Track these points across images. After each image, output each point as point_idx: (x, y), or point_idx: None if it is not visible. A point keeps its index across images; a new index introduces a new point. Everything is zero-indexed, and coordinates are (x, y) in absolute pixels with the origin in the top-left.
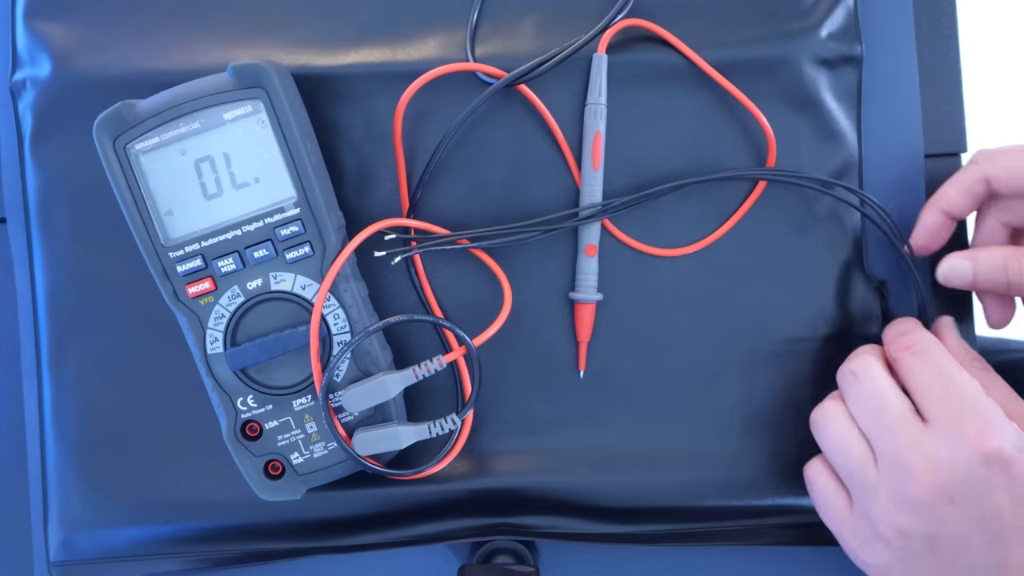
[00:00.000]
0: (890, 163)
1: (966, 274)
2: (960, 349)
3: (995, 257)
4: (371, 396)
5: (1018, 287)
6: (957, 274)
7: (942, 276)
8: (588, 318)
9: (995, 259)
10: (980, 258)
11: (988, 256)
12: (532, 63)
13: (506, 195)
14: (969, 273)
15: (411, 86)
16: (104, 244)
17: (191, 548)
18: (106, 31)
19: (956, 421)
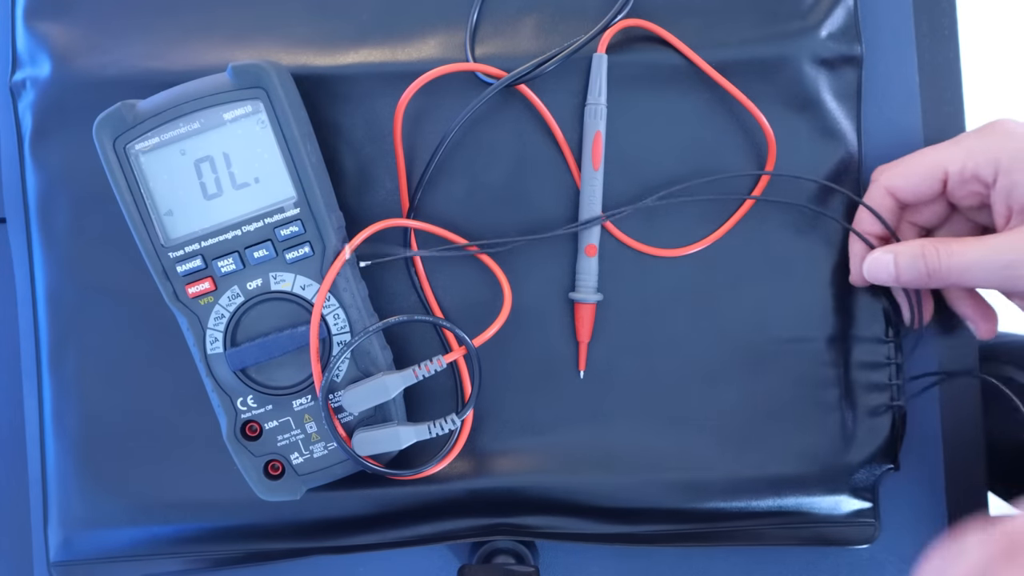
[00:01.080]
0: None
1: (888, 266)
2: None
3: (912, 247)
4: (371, 396)
5: (936, 275)
6: (880, 267)
7: (866, 271)
8: (588, 318)
9: (912, 248)
10: (899, 250)
11: (906, 247)
12: (532, 63)
13: (506, 195)
14: (891, 265)
15: (411, 86)
16: (104, 244)
17: (191, 548)
18: (106, 31)
19: None
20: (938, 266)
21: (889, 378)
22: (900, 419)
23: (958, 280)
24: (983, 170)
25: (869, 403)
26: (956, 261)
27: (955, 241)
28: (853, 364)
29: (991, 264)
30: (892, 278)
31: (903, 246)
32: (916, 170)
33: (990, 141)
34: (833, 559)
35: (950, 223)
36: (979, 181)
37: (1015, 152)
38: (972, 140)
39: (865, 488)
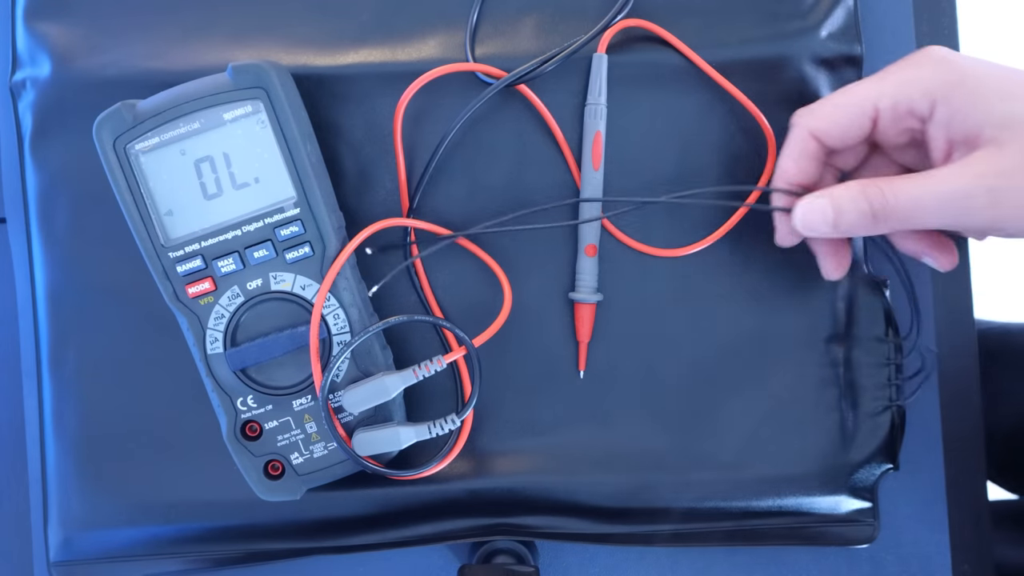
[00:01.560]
0: None
1: (825, 212)
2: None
3: (850, 189)
4: (371, 396)
5: (882, 216)
6: (816, 214)
7: (800, 221)
8: (588, 318)
9: (851, 191)
10: (836, 194)
11: (843, 190)
12: (532, 63)
13: (506, 195)
14: (828, 210)
15: (411, 86)
16: (104, 244)
17: (191, 548)
18: (106, 31)
19: None
20: (883, 206)
21: (888, 378)
22: (900, 419)
23: (907, 221)
24: (918, 103)
25: (869, 403)
26: (904, 200)
27: (896, 179)
28: (852, 364)
29: (945, 199)
30: (830, 225)
31: (839, 189)
32: (843, 110)
33: (922, 71)
34: (833, 559)
35: (870, 165)
36: (914, 116)
37: (952, 80)
38: (901, 72)
39: (865, 488)
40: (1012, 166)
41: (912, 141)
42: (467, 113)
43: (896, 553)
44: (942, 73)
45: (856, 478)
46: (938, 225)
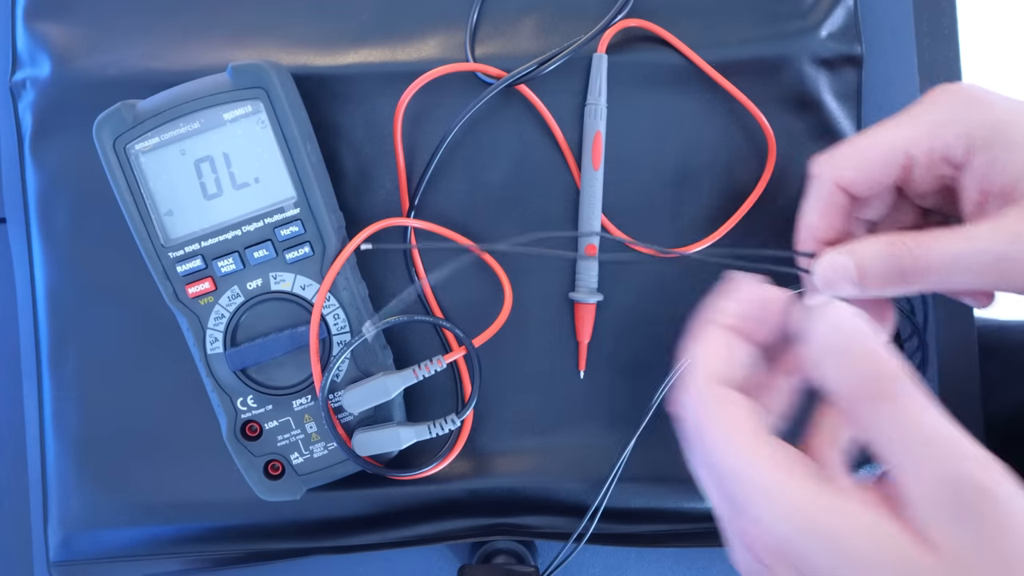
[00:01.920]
0: None
1: (848, 271)
2: None
3: (877, 245)
4: (371, 396)
5: (912, 275)
6: (838, 272)
7: (821, 281)
8: (588, 318)
9: (878, 247)
10: (861, 251)
11: (868, 246)
12: (532, 63)
13: (506, 195)
14: (851, 269)
15: (411, 86)
16: (104, 244)
17: (191, 548)
18: (106, 31)
19: None
20: (913, 265)
21: None
22: None
23: (939, 280)
24: (954, 150)
25: None
26: (936, 259)
27: (926, 236)
28: None
29: (980, 260)
30: (853, 283)
31: (864, 245)
32: (872, 157)
33: (957, 114)
34: None
35: (895, 214)
36: (949, 163)
37: (991, 124)
38: (933, 114)
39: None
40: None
41: (942, 188)
42: (467, 113)
43: None
44: (980, 117)
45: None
46: (973, 286)
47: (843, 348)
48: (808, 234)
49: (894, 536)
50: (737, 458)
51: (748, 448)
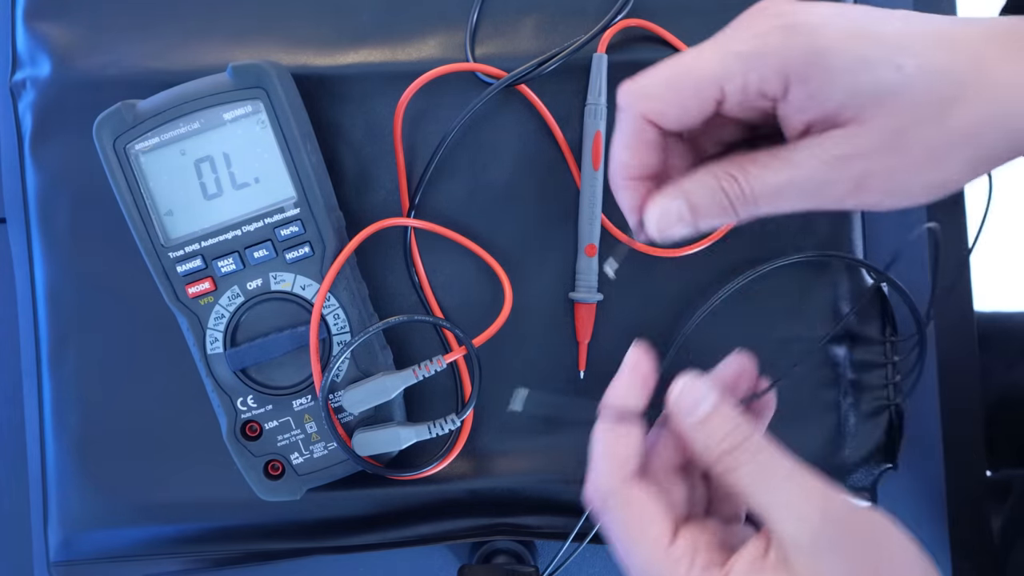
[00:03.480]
0: None
1: (682, 213)
2: None
3: (705, 182)
4: (371, 396)
5: (742, 207)
6: (671, 217)
7: (655, 227)
8: (588, 318)
9: (706, 183)
10: (690, 189)
11: (697, 184)
12: (532, 63)
13: (506, 194)
14: (684, 211)
15: (411, 86)
16: (104, 244)
17: (191, 548)
18: (106, 31)
19: None
20: (741, 197)
21: (887, 377)
22: (898, 418)
23: (768, 209)
24: (769, 84)
25: (867, 402)
26: (763, 187)
27: (751, 164)
28: (851, 363)
29: (806, 184)
30: (688, 225)
31: (692, 183)
32: (683, 91)
33: (772, 45)
34: None
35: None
36: (765, 97)
37: (809, 54)
38: (746, 44)
39: (864, 488)
40: (874, 145)
41: (762, 115)
42: (467, 113)
43: None
44: (795, 46)
45: (855, 477)
46: (799, 208)
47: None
48: (621, 172)
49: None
50: (645, 560)
51: (652, 549)
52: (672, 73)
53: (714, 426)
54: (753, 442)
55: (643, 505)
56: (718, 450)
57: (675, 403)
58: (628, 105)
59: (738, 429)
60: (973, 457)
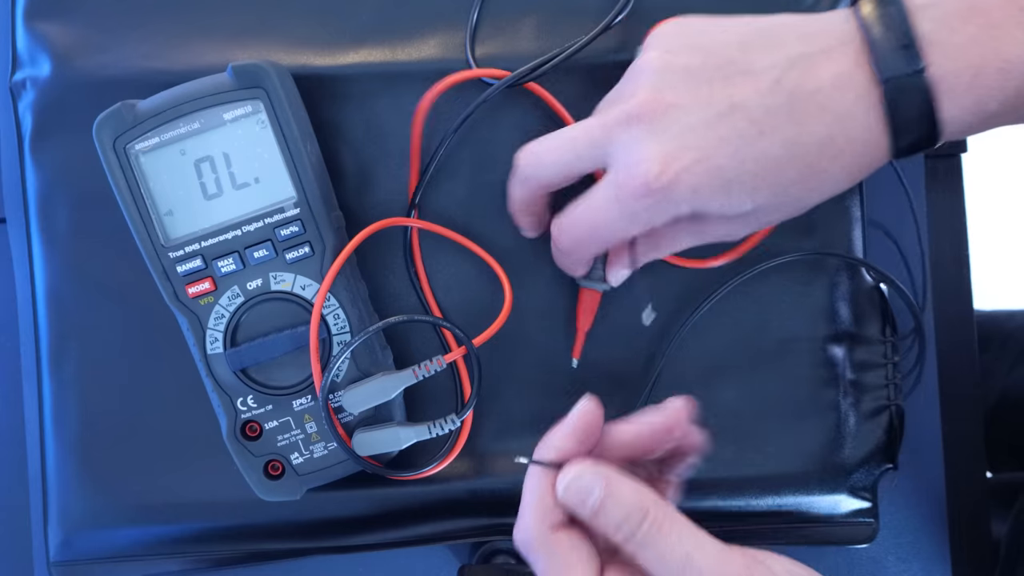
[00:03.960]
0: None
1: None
2: None
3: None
4: (371, 396)
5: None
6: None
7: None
8: (591, 306)
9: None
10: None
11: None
12: (531, 65)
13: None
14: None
15: (427, 93)
16: (104, 244)
17: (191, 548)
18: (106, 31)
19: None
20: None
21: (886, 377)
22: (898, 418)
23: None
24: None
25: (867, 402)
26: None
27: None
28: (850, 363)
29: None
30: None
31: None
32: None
33: None
34: (832, 559)
35: None
36: None
37: None
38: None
39: (864, 487)
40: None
41: None
42: (467, 115)
43: (896, 553)
44: None
45: (855, 477)
46: None
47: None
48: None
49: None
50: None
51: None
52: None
53: (608, 514)
54: (645, 529)
55: (566, 554)
56: (617, 537)
57: (563, 497)
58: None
59: (631, 516)
60: (973, 458)
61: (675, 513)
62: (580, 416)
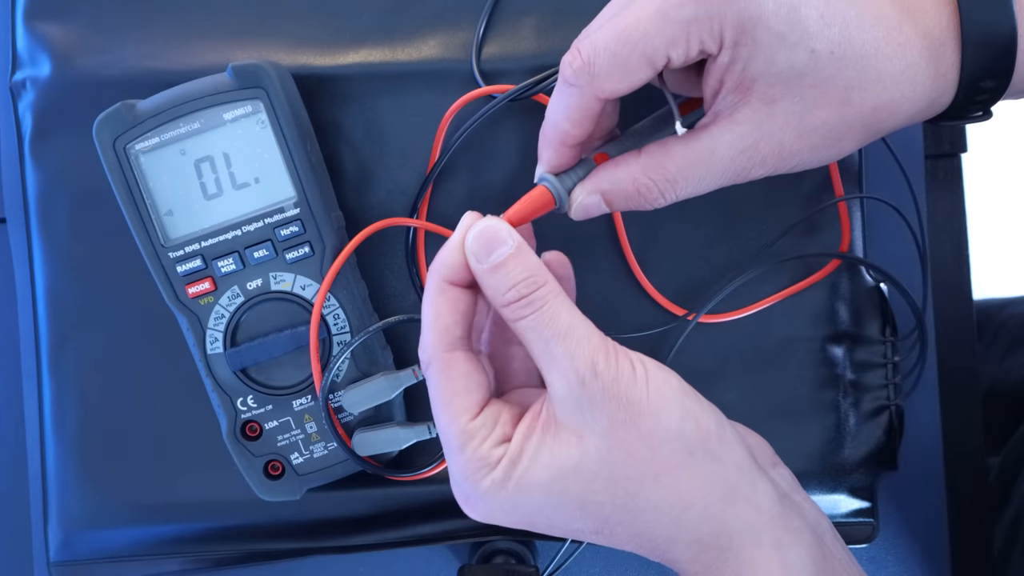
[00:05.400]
0: (890, 163)
1: (600, 207)
2: None
3: (623, 184)
4: (371, 396)
5: (664, 201)
6: (591, 210)
7: (575, 215)
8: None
9: (625, 187)
10: (608, 190)
11: (616, 186)
12: (532, 80)
13: (507, 195)
14: (603, 206)
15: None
16: (104, 244)
17: (191, 548)
18: (106, 31)
19: None
20: (662, 197)
21: (886, 377)
22: (898, 418)
23: (683, 197)
24: (708, 47)
25: (867, 402)
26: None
27: (666, 158)
28: (851, 363)
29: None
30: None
31: (610, 181)
32: (633, 66)
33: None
34: None
35: None
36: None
37: (743, 21)
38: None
39: (864, 487)
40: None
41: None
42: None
43: (895, 553)
44: (735, 12)
45: (855, 477)
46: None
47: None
48: (561, 140)
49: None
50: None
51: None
52: (620, 48)
53: (509, 271)
54: (539, 295)
55: (458, 376)
56: (503, 299)
57: (470, 244)
58: (581, 84)
59: (532, 279)
60: (973, 458)
61: (566, 295)
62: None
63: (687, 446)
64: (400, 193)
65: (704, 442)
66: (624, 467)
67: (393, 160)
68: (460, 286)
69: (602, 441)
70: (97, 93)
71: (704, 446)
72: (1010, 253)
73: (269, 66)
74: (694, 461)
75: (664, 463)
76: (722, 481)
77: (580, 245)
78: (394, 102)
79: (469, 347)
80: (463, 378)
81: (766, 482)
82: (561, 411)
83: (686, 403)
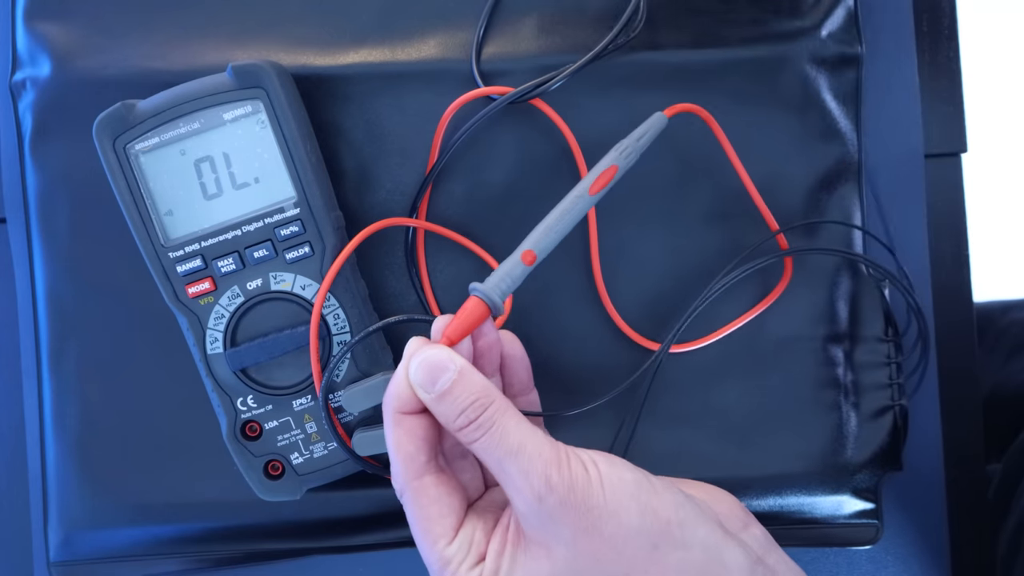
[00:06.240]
0: (890, 163)
1: None
2: None
3: None
4: (371, 396)
5: None
6: None
7: None
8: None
9: None
10: None
11: None
12: (534, 82)
13: (507, 195)
14: None
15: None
16: (104, 244)
17: (191, 548)
18: (106, 31)
19: None
20: None
21: (890, 377)
22: (902, 419)
23: None
24: None
25: (870, 403)
26: None
27: None
28: (853, 363)
29: None
30: None
31: None
32: None
33: None
34: (833, 559)
35: None
36: None
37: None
38: None
39: (867, 488)
40: None
41: None
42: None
43: (898, 554)
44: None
45: (858, 478)
46: None
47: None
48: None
49: None
50: (426, 557)
51: (432, 549)
52: None
53: (455, 398)
54: (487, 417)
55: (430, 502)
56: (455, 425)
57: (414, 376)
58: None
59: (479, 401)
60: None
61: (515, 408)
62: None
63: (650, 540)
64: (400, 193)
65: (666, 533)
66: (593, 572)
67: (393, 160)
68: (414, 413)
69: (568, 551)
70: (97, 93)
71: (667, 537)
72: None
73: (269, 66)
74: (660, 554)
75: (631, 562)
76: (690, 566)
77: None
78: (394, 102)
79: (437, 468)
80: (435, 504)
81: (735, 552)
82: (526, 525)
83: (641, 497)
